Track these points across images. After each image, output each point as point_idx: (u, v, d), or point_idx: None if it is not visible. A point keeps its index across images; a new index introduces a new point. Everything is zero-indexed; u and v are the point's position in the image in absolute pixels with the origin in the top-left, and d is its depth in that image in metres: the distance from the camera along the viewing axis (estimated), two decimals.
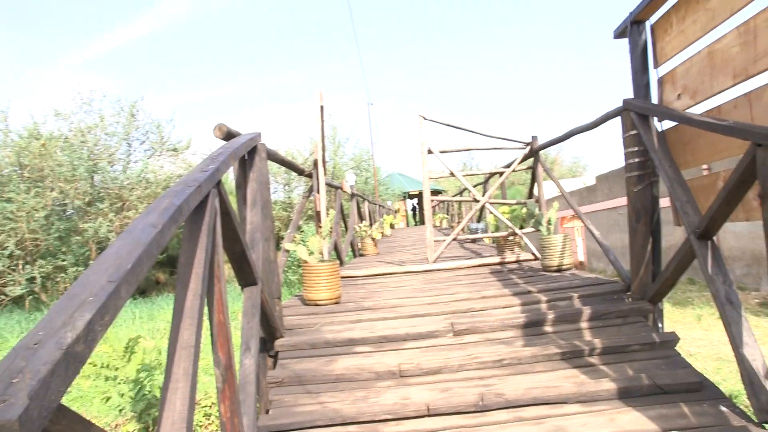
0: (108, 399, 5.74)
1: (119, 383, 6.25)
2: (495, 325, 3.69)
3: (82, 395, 6.00)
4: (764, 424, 2.41)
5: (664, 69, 3.64)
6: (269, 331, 3.53)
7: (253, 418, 2.60)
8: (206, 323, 2.07)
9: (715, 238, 2.88)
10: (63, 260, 14.48)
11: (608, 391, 2.79)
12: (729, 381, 4.90)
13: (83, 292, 1.22)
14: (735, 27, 2.73)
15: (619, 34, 3.94)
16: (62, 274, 14.54)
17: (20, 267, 13.99)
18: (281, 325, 3.77)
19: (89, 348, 1.12)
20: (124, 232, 1.58)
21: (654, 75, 3.77)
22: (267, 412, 3.09)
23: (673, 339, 3.29)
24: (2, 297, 13.61)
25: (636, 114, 3.70)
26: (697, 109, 3.23)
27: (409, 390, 3.04)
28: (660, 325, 3.73)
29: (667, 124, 3.63)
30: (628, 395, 2.77)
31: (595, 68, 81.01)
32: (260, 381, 3.17)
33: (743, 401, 3.88)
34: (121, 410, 5.56)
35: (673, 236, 9.53)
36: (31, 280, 13.95)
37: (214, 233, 2.22)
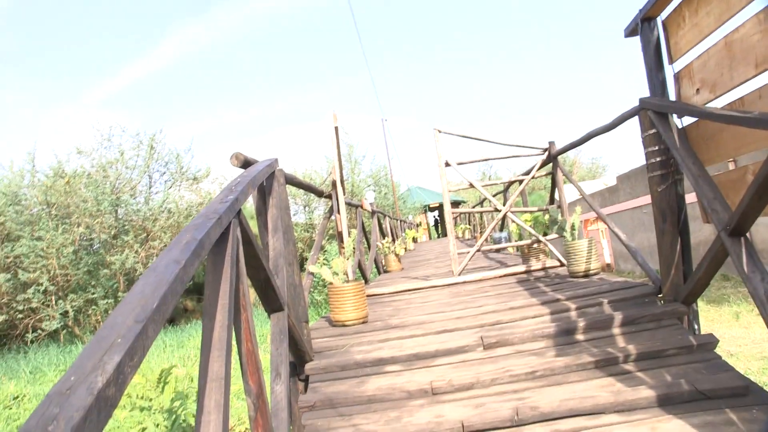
0: (144, 429, 5.76)
1: (154, 413, 6.29)
2: (525, 336, 3.63)
3: (119, 426, 6.03)
4: None
5: (680, 64, 3.59)
6: (298, 355, 3.52)
7: None
8: (235, 351, 2.06)
9: (747, 234, 2.81)
10: (93, 293, 14.71)
11: (647, 399, 2.71)
12: None
13: (111, 334, 1.22)
14: (754, 14, 2.67)
15: (630, 32, 3.89)
16: (93, 307, 14.78)
17: (54, 302, 14.22)
18: (310, 349, 3.76)
19: (120, 391, 1.11)
20: (148, 270, 1.58)
21: (669, 71, 3.71)
22: None
23: (711, 341, 3.19)
24: (39, 332, 13.85)
25: (654, 112, 3.65)
26: (718, 103, 3.16)
27: (443, 407, 2.99)
28: (696, 327, 3.64)
29: (687, 120, 3.57)
30: (669, 402, 2.69)
31: (609, 69, 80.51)
32: (292, 406, 3.15)
33: None
34: None
35: (701, 232, 9.36)
36: (65, 314, 14.20)
37: (238, 263, 2.22)
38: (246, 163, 3.28)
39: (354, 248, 5.23)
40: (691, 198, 3.62)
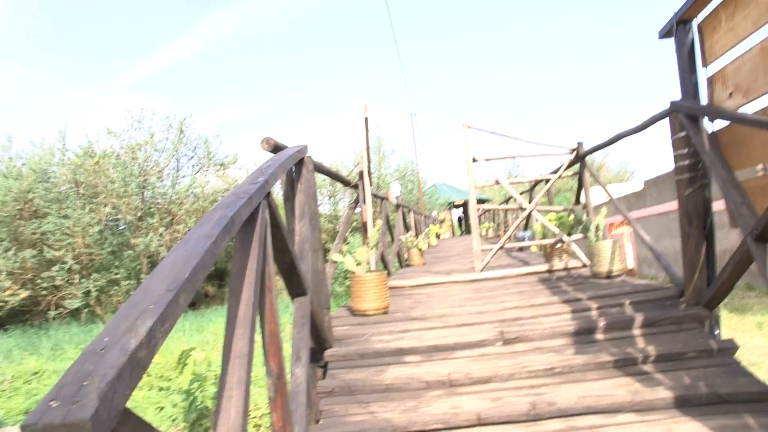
0: (161, 409, 5.87)
1: (172, 393, 6.40)
2: (545, 333, 3.64)
3: (136, 405, 6.16)
4: None
5: (714, 68, 3.56)
6: (319, 341, 3.56)
7: (305, 427, 2.62)
8: (257, 334, 2.10)
9: None
10: (116, 274, 14.94)
11: (664, 400, 2.71)
12: None
13: (144, 300, 1.27)
14: None
15: (665, 34, 3.87)
16: (115, 287, 15.00)
17: (77, 281, 14.47)
18: (330, 336, 3.80)
19: (151, 354, 1.16)
20: (179, 243, 1.63)
21: (702, 75, 3.68)
22: (317, 422, 3.11)
23: (732, 346, 3.17)
24: (62, 309, 14.11)
25: (685, 115, 3.62)
26: (750, 108, 3.14)
27: (460, 399, 3.02)
28: (717, 331, 3.61)
29: (719, 124, 3.54)
30: (686, 404, 2.68)
31: (642, 70, 79.44)
32: (311, 391, 3.19)
33: None
34: (173, 420, 5.69)
35: (727, 240, 9.24)
36: (87, 293, 14.43)
37: (265, 244, 2.26)
38: (276, 148, 3.32)
39: (378, 239, 5.26)
40: (718, 206, 3.59)
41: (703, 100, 3.69)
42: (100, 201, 15.36)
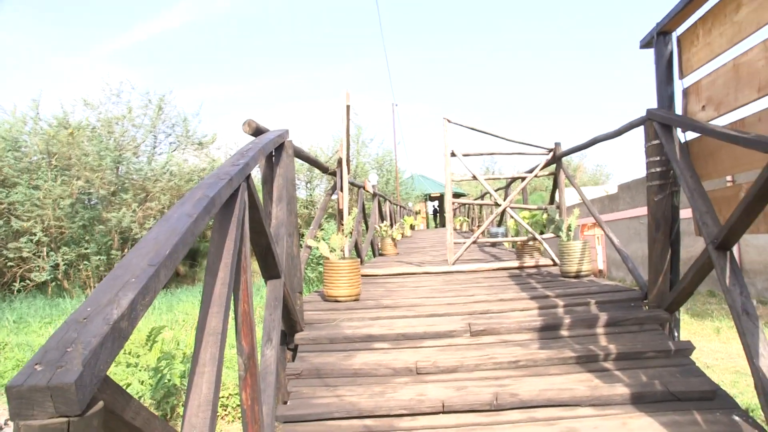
0: (129, 385, 5.86)
1: (140, 371, 6.39)
2: (512, 327, 3.73)
3: None
4: None
5: (689, 80, 3.66)
6: (290, 324, 3.61)
7: (273, 407, 2.67)
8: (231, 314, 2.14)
9: (734, 250, 2.90)
10: (86, 248, 14.68)
11: (621, 396, 2.83)
12: (746, 394, 4.88)
13: (125, 274, 1.30)
14: (762, 41, 2.75)
15: (645, 44, 3.97)
16: (85, 262, 14.73)
17: (45, 253, 14.23)
18: (302, 319, 3.85)
19: (132, 325, 1.20)
20: (161, 220, 1.66)
21: (679, 86, 3.79)
22: (285, 402, 3.16)
23: (688, 348, 3.31)
24: (28, 282, 13.86)
25: (659, 124, 3.73)
26: (721, 121, 3.25)
27: (426, 387, 3.10)
28: (676, 334, 3.75)
29: (690, 135, 3.64)
30: (641, 401, 2.80)
31: (621, 78, 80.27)
32: (280, 372, 3.24)
33: (760, 415, 3.88)
34: (140, 397, 5.68)
35: (694, 247, 9.46)
36: (55, 266, 14.18)
37: (243, 226, 2.30)
38: (257, 131, 3.35)
39: (353, 227, 5.30)
40: (687, 213, 3.70)
41: (679, 110, 3.79)
42: (72, 174, 15.04)
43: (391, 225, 13.07)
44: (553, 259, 6.44)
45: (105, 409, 1.08)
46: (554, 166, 7.00)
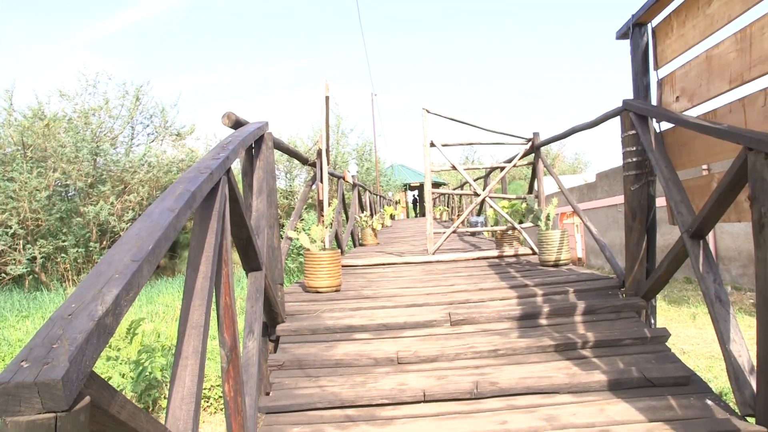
0: (109, 378, 5.83)
1: (120, 364, 6.35)
2: (491, 316, 3.78)
3: None
4: (746, 417, 2.51)
5: (664, 71, 3.73)
6: (271, 315, 3.62)
7: (255, 398, 2.69)
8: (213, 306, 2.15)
9: (709, 237, 2.97)
10: (64, 241, 14.51)
11: (599, 383, 2.89)
12: (720, 379, 4.99)
13: (109, 269, 1.31)
14: (732, 34, 2.81)
15: (622, 35, 4.02)
16: (62, 255, 14.57)
17: (21, 247, 14.04)
18: (283, 311, 3.86)
19: (116, 321, 1.21)
20: (143, 216, 1.67)
21: (654, 77, 3.85)
22: (267, 393, 3.18)
23: (664, 334, 3.39)
24: (3, 275, 13.67)
25: (635, 114, 3.78)
26: (694, 112, 3.31)
27: (407, 376, 3.13)
28: (652, 321, 3.83)
29: (665, 125, 3.71)
30: (618, 387, 2.87)
31: (599, 69, 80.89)
32: (262, 364, 3.25)
33: (732, 398, 3.98)
34: (121, 391, 5.66)
35: (671, 235, 9.61)
36: (32, 260, 14.00)
37: (224, 219, 2.30)
38: (237, 124, 3.34)
39: (333, 218, 5.32)
40: (663, 202, 3.76)
41: (654, 101, 3.85)
42: (49, 165, 14.82)
43: (372, 215, 13.09)
44: (532, 248, 6.51)
45: (91, 404, 1.09)
46: (533, 155, 7.05)
